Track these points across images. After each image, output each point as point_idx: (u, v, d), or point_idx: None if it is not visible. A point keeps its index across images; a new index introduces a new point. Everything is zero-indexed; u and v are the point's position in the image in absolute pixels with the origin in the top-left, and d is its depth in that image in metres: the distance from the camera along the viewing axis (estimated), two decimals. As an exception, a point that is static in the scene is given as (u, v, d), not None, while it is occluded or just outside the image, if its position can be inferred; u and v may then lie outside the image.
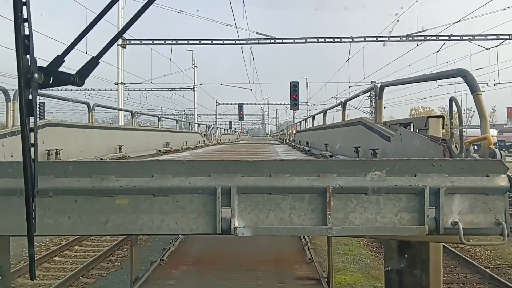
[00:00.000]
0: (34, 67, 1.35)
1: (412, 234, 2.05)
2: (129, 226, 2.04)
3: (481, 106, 2.50)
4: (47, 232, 2.03)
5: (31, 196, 1.38)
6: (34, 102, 1.36)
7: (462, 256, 10.71)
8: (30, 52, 1.32)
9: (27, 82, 1.33)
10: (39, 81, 1.37)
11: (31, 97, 1.35)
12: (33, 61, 1.33)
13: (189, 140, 12.03)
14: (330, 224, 2.03)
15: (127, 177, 2.03)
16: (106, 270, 10.08)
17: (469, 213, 2.07)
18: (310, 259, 7.83)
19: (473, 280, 9.64)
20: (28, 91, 1.34)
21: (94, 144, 5.83)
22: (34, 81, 1.35)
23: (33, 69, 1.34)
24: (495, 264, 10.82)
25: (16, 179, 1.86)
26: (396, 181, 2.05)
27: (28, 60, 1.33)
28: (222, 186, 2.03)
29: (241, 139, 31.88)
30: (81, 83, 1.49)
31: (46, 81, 1.41)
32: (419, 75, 4.66)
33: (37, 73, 1.35)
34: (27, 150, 1.36)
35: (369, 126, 4.40)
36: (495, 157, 2.17)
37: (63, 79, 1.45)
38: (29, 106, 1.34)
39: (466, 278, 9.80)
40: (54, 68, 1.43)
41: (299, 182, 2.05)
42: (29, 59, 1.33)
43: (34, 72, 1.34)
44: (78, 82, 1.48)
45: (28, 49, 1.31)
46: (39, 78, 1.36)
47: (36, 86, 1.37)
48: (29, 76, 1.33)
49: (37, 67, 1.36)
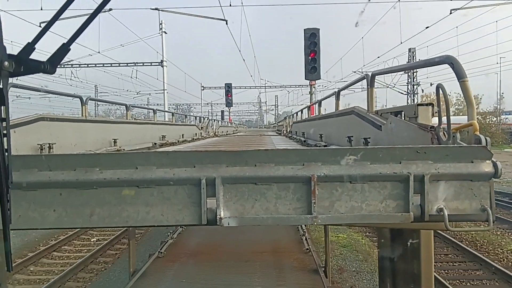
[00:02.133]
0: (4, 55, 1.30)
1: (397, 221, 2.06)
2: (114, 219, 2.04)
3: (468, 93, 2.49)
4: (32, 226, 2.04)
5: (5, 187, 1.36)
6: (5, 91, 1.32)
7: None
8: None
9: None
10: (9, 69, 1.32)
11: (1, 86, 1.31)
12: (2, 49, 1.29)
13: (186, 132, 12.00)
14: (315, 213, 2.04)
15: (111, 169, 2.02)
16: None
17: (454, 199, 2.07)
18: (307, 249, 7.88)
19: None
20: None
21: (88, 138, 5.81)
22: (4, 69, 1.30)
23: (2, 57, 1.30)
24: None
25: None
26: (381, 169, 2.04)
27: None
28: (207, 177, 2.03)
29: (238, 131, 31.59)
30: (52, 71, 1.45)
31: (17, 69, 1.36)
32: (409, 63, 4.64)
33: (7, 61, 1.31)
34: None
35: (361, 115, 4.39)
36: (480, 143, 2.17)
37: (34, 67, 1.42)
38: (0, 95, 1.31)
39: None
40: (25, 55, 1.39)
41: (284, 171, 2.05)
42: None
43: (4, 60, 1.30)
44: (49, 69, 1.44)
45: None
46: (9, 66, 1.32)
47: (7, 74, 1.32)
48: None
49: (7, 55, 1.32)
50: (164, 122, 12.95)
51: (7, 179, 1.39)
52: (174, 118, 13.74)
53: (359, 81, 4.83)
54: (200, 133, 14.42)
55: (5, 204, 1.40)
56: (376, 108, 4.37)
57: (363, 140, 4.11)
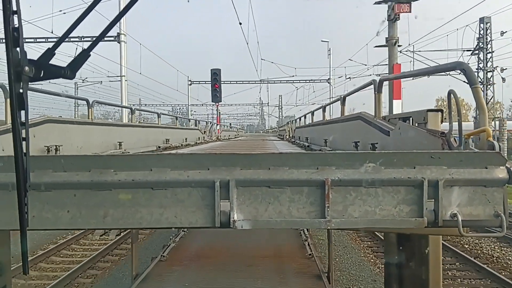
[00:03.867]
0: (24, 60, 1.32)
1: (411, 226, 2.05)
2: (128, 220, 2.04)
3: (480, 98, 2.50)
4: (46, 226, 2.04)
5: (23, 190, 1.36)
6: (25, 95, 1.33)
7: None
8: (20, 44, 1.29)
9: (18, 76, 1.31)
10: (29, 74, 1.34)
11: (21, 91, 1.32)
12: (23, 54, 1.31)
13: (189, 136, 12.02)
14: (329, 217, 2.03)
15: (125, 171, 2.03)
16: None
17: (468, 205, 2.07)
18: (310, 254, 7.84)
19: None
20: (19, 84, 1.32)
21: (94, 141, 5.83)
22: (25, 74, 1.32)
23: (23, 62, 1.31)
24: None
25: (10, 173, 1.86)
26: (395, 174, 2.04)
27: (18, 53, 1.30)
28: (220, 179, 2.03)
29: (239, 136, 31.49)
30: (72, 76, 1.46)
31: (37, 74, 1.38)
32: (418, 69, 4.66)
33: (27, 66, 1.33)
34: (18, 145, 1.33)
35: (368, 120, 4.40)
36: (494, 149, 2.17)
37: (54, 72, 1.43)
38: (20, 100, 1.31)
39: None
40: (45, 61, 1.41)
41: (298, 175, 2.05)
42: (19, 51, 1.30)
43: (25, 65, 1.32)
44: (69, 75, 1.45)
45: (17, 41, 1.28)
46: (29, 71, 1.34)
47: (27, 79, 1.34)
48: (19, 69, 1.31)
49: (27, 60, 1.33)
50: (168, 125, 12.96)
51: (26, 182, 1.39)
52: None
53: (366, 86, 4.84)
54: (203, 137, 14.44)
55: (23, 207, 1.40)
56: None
57: (370, 145, 4.12)
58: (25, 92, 1.34)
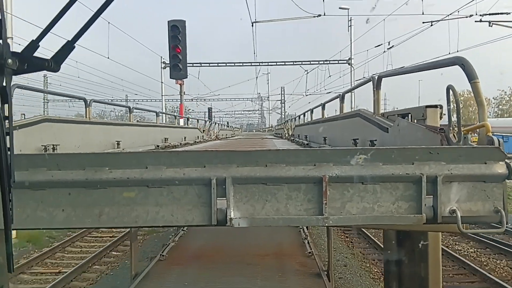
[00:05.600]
0: (8, 52, 1.28)
1: (410, 222, 2.03)
2: (123, 219, 2.02)
3: (479, 94, 2.47)
4: (40, 226, 2.01)
5: (7, 186, 1.32)
6: (8, 89, 1.29)
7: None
8: (2, 36, 1.25)
9: (0, 68, 1.27)
10: (13, 67, 1.31)
11: (5, 84, 1.29)
12: (6, 46, 1.27)
13: (188, 135, 12.00)
14: (326, 214, 2.01)
15: (120, 169, 2.00)
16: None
17: (467, 201, 2.05)
18: (310, 252, 7.83)
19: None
20: (2, 77, 1.28)
21: (92, 140, 5.80)
22: (8, 66, 1.28)
23: (6, 55, 1.28)
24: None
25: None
26: (393, 170, 2.02)
27: (1, 45, 1.26)
28: (217, 177, 2.01)
29: (235, 135, 31.10)
30: (56, 69, 1.43)
31: (21, 67, 1.35)
32: (417, 65, 4.64)
33: (10, 59, 1.29)
34: (1, 140, 1.29)
35: (367, 117, 4.38)
36: (493, 144, 2.14)
37: (38, 64, 1.40)
38: (3, 93, 1.28)
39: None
40: (29, 53, 1.37)
41: (295, 172, 2.03)
42: (2, 44, 1.26)
43: (8, 58, 1.28)
44: (53, 67, 1.42)
45: (0, 33, 1.24)
46: (13, 63, 1.30)
47: (10, 72, 1.30)
48: (2, 62, 1.27)
49: (10, 53, 1.30)
50: (167, 124, 12.94)
51: (9, 178, 1.35)
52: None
53: (365, 83, 4.82)
54: (202, 136, 14.42)
55: (7, 204, 1.35)
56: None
57: (369, 142, 4.10)
58: (9, 86, 1.31)
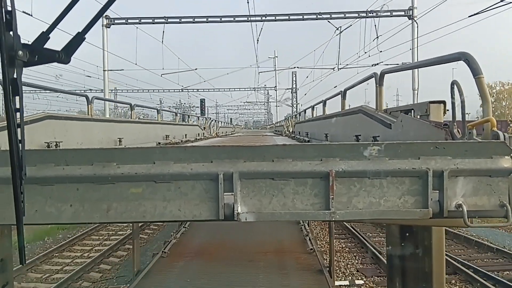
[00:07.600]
0: (18, 44, 1.28)
1: (416, 217, 2.04)
2: (131, 214, 2.03)
3: (483, 89, 2.48)
4: (49, 221, 2.02)
5: (19, 179, 1.32)
6: (19, 81, 1.28)
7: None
8: (13, 28, 1.25)
9: (11, 60, 1.26)
10: (23, 59, 1.30)
11: (15, 76, 1.28)
12: (16, 38, 1.27)
13: (189, 132, 12.01)
14: (333, 209, 2.02)
15: (128, 164, 2.01)
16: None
17: (473, 195, 2.06)
18: (311, 249, 7.85)
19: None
20: (13, 69, 1.27)
21: (94, 137, 5.81)
22: (19, 58, 1.28)
23: (17, 47, 1.27)
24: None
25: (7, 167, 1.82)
26: (400, 164, 2.03)
27: (12, 37, 1.25)
28: (224, 172, 2.02)
29: (235, 132, 31.09)
30: (67, 60, 1.43)
31: (31, 58, 1.34)
32: (421, 61, 4.63)
33: (21, 51, 1.28)
34: (13, 131, 1.28)
35: (369, 114, 4.38)
36: (499, 139, 2.15)
37: (48, 56, 1.39)
38: (14, 86, 1.27)
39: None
40: (39, 45, 1.37)
41: (302, 166, 2.04)
42: (13, 35, 1.25)
43: (18, 50, 1.28)
44: (64, 59, 1.42)
45: (11, 25, 1.24)
46: (23, 55, 1.30)
47: (21, 64, 1.30)
48: (13, 53, 1.26)
49: (21, 44, 1.29)
50: (168, 122, 12.94)
51: (21, 170, 1.34)
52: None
53: (367, 79, 4.82)
54: (202, 133, 14.42)
55: (19, 196, 1.34)
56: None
57: (372, 138, 4.10)
58: (19, 78, 1.30)
